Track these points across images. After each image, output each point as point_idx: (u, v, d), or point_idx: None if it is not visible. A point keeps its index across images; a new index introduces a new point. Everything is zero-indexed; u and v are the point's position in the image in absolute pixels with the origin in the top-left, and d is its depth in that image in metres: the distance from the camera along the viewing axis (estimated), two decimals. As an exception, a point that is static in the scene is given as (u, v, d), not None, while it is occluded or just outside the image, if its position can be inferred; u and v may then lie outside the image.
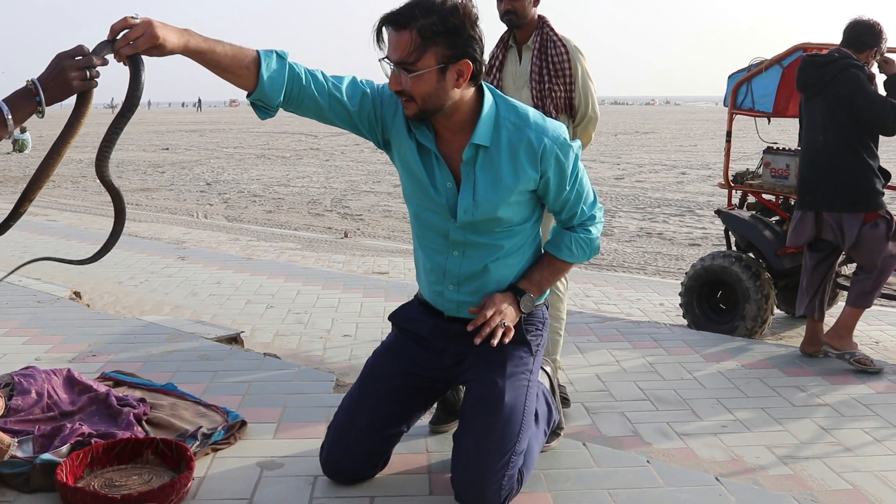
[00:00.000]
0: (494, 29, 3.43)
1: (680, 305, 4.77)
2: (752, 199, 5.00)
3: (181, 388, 2.97)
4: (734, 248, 4.90)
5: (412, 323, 2.43)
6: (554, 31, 3.21)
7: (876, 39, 3.79)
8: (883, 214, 3.78)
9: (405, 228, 9.34)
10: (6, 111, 1.77)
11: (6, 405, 2.57)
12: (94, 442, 2.35)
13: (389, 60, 2.08)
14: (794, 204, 3.98)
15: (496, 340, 2.20)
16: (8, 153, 20.82)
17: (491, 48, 3.33)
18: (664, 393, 3.41)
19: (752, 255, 4.68)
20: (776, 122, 4.95)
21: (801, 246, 4.04)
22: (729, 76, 4.96)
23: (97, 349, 3.62)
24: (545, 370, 2.62)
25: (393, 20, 2.04)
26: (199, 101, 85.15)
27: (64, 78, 1.80)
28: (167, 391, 2.93)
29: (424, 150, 2.22)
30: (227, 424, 2.61)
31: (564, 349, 3.48)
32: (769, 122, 4.97)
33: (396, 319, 2.48)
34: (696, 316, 4.66)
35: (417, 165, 2.23)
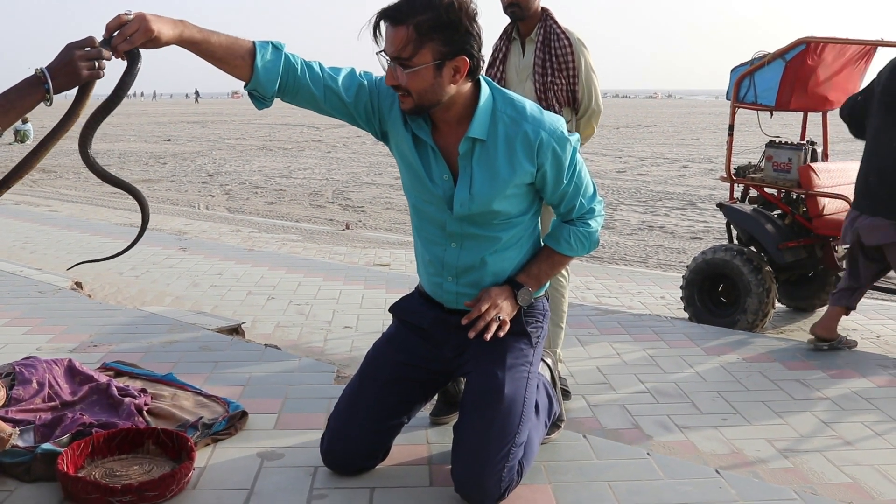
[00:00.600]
0: (498, 21, 3.42)
1: (681, 298, 4.78)
2: (754, 192, 4.99)
3: (182, 378, 2.97)
4: (736, 241, 4.90)
5: (413, 315, 2.43)
6: (557, 23, 3.20)
7: None
8: None
9: (406, 220, 9.34)
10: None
11: (7, 395, 2.58)
12: (94, 432, 2.36)
13: (386, 55, 2.07)
14: (852, 204, 3.93)
15: (490, 335, 2.20)
16: (10, 144, 20.82)
17: (494, 41, 3.32)
18: (665, 386, 3.41)
19: (753, 248, 4.68)
20: (778, 115, 4.94)
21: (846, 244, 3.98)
22: (732, 70, 4.93)
23: (98, 339, 3.63)
24: (546, 362, 2.61)
25: (390, 15, 2.04)
26: (196, 92, 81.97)
27: (73, 67, 1.81)
28: (168, 381, 2.93)
29: (421, 142, 2.22)
30: (227, 415, 2.61)
31: (565, 342, 3.48)
32: (771, 115, 4.96)
33: (397, 311, 2.48)
34: (697, 309, 4.66)
35: (414, 157, 2.23)
